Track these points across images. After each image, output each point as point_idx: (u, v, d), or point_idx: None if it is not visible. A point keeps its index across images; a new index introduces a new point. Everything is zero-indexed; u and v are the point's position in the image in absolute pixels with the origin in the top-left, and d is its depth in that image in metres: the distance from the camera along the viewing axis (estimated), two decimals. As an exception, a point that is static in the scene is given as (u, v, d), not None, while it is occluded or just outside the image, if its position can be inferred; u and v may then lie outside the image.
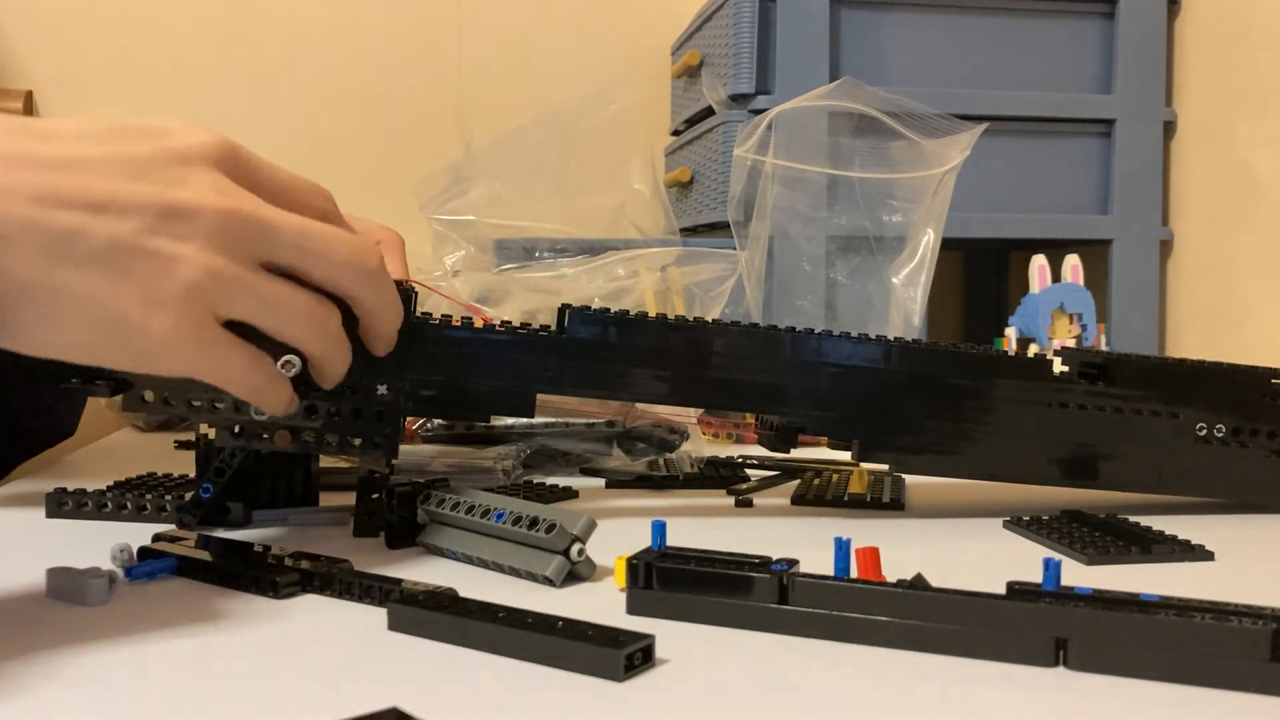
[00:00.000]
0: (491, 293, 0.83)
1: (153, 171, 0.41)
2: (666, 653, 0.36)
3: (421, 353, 0.53)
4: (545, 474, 0.73)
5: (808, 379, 0.57)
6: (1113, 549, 0.50)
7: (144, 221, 0.40)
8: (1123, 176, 1.25)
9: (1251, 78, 1.19)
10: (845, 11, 1.20)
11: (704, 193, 1.27)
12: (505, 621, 0.37)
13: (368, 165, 1.44)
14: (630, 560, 0.41)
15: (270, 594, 0.43)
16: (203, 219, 0.41)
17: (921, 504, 0.64)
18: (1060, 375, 0.59)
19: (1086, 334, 1.01)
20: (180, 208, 0.40)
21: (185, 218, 0.40)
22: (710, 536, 0.54)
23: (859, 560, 0.41)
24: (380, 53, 1.47)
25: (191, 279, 0.40)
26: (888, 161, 0.96)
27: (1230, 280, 1.22)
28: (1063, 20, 1.25)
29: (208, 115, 1.44)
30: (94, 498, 0.58)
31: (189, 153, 0.42)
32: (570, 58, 1.50)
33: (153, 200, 0.40)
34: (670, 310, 0.75)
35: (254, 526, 0.57)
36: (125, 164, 0.41)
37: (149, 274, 0.40)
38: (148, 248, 0.40)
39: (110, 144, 0.41)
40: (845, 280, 1.04)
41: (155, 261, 0.40)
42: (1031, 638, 0.36)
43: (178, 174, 0.41)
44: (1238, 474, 0.60)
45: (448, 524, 0.49)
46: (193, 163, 0.42)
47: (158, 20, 1.43)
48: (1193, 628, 0.34)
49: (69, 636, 0.38)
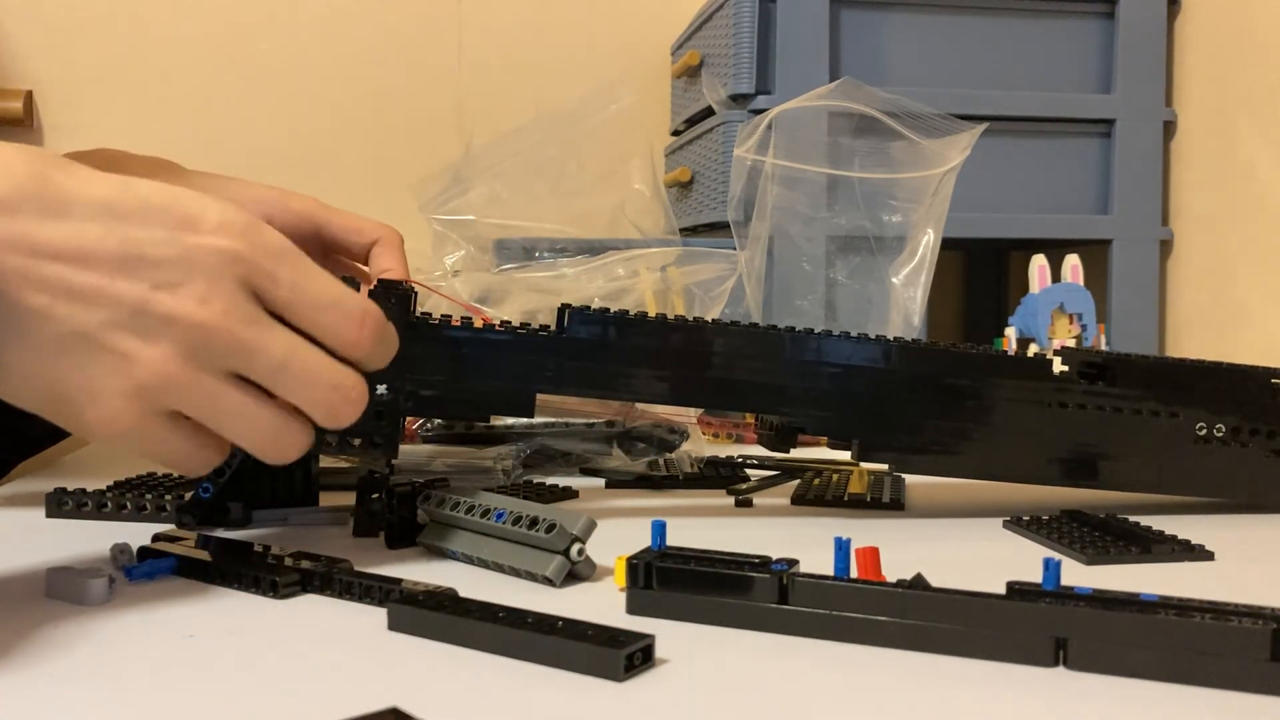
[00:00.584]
0: (491, 293, 0.83)
1: (149, 269, 0.40)
2: (666, 653, 0.36)
3: (421, 353, 0.53)
4: (545, 474, 0.73)
5: (807, 379, 0.57)
6: (1113, 549, 0.50)
7: (113, 316, 0.39)
8: (1123, 176, 1.25)
9: (1251, 78, 1.19)
10: (845, 11, 1.20)
11: (704, 193, 1.27)
12: (505, 621, 0.37)
13: (368, 165, 1.44)
14: (630, 560, 0.41)
15: (270, 594, 0.43)
16: (175, 328, 0.40)
17: (921, 504, 0.64)
18: (1060, 375, 0.59)
19: (1086, 334, 1.01)
20: (155, 312, 0.40)
21: (158, 322, 0.40)
22: (710, 536, 0.54)
23: (859, 560, 0.41)
24: (380, 53, 1.47)
25: (143, 381, 0.40)
26: (888, 161, 0.96)
27: (1230, 280, 1.22)
28: (1063, 20, 1.25)
29: (207, 115, 1.44)
30: (94, 498, 0.58)
31: (200, 255, 0.41)
32: (570, 58, 1.50)
33: (131, 299, 0.40)
34: (670, 310, 0.75)
35: (254, 526, 0.57)
36: (123, 255, 0.40)
37: (101, 368, 0.40)
38: (107, 343, 0.39)
39: (123, 226, 0.40)
40: (845, 280, 1.04)
41: (112, 358, 0.40)
42: (1031, 638, 0.36)
43: (174, 276, 0.40)
44: (1238, 474, 0.60)
45: (448, 524, 0.49)
46: (197, 266, 0.40)
47: (157, 20, 1.43)
48: (1193, 628, 0.34)
49: (69, 636, 0.38)
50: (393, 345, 0.46)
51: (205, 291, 0.40)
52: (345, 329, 0.43)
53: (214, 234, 0.41)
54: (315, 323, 0.43)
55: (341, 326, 0.43)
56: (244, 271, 0.41)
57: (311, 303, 0.42)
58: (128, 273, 0.40)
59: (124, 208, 0.40)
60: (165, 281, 0.40)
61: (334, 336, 0.43)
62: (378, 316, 0.44)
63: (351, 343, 0.43)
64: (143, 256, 0.40)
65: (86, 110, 1.42)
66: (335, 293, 0.43)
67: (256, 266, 0.41)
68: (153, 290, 0.40)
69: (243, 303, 0.41)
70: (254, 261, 0.41)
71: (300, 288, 0.42)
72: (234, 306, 0.41)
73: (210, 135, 1.45)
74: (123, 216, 0.40)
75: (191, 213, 0.41)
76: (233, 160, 1.43)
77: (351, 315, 0.43)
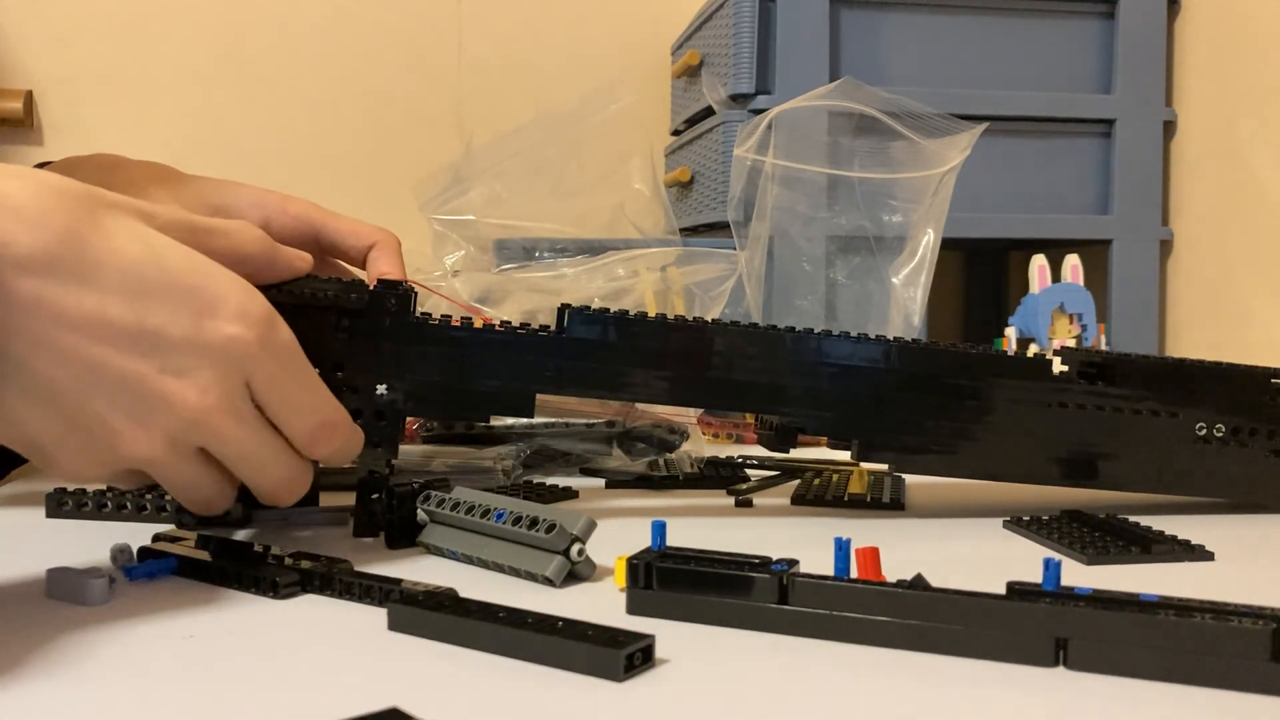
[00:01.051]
0: (491, 293, 0.83)
1: (162, 350, 0.41)
2: (666, 653, 0.36)
3: (421, 353, 0.53)
4: (545, 474, 0.73)
5: (808, 379, 0.57)
6: (1113, 549, 0.50)
7: (114, 393, 0.41)
8: (1123, 176, 1.25)
9: (1251, 78, 1.19)
10: (845, 11, 1.20)
11: (704, 193, 1.27)
12: (505, 621, 0.37)
13: (368, 165, 1.44)
14: (630, 560, 0.41)
15: (270, 594, 0.43)
16: (170, 413, 0.42)
17: (921, 504, 0.64)
18: (1060, 375, 0.59)
19: (1086, 334, 1.01)
20: (156, 393, 0.42)
21: (156, 403, 0.42)
22: (710, 536, 0.54)
23: (859, 560, 0.41)
24: (380, 53, 1.47)
25: (122, 455, 0.42)
26: (888, 161, 0.96)
27: (1230, 280, 1.22)
28: (1063, 20, 1.25)
29: (207, 115, 1.44)
30: (94, 498, 0.58)
31: (215, 343, 0.42)
32: (570, 58, 1.50)
33: (136, 378, 0.41)
34: (670, 310, 0.75)
35: (254, 526, 0.57)
36: (140, 332, 0.41)
37: (89, 437, 0.42)
38: (101, 416, 0.41)
39: (145, 302, 0.41)
40: (845, 280, 1.04)
41: (102, 430, 0.41)
42: (1031, 638, 0.36)
43: (184, 362, 0.42)
44: (1238, 474, 0.60)
45: (448, 524, 0.49)
46: (208, 355, 0.42)
47: (158, 21, 1.43)
48: (1193, 628, 0.34)
49: (69, 636, 0.38)
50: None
51: (208, 382, 0.42)
52: (312, 436, 0.47)
53: (232, 322, 0.43)
54: (288, 424, 0.46)
55: (308, 434, 0.46)
56: (249, 367, 0.44)
57: (292, 406, 0.46)
58: (140, 351, 0.41)
59: (150, 281, 0.42)
60: (174, 367, 0.42)
61: (299, 439, 0.46)
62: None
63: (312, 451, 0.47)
64: (158, 336, 0.41)
65: (86, 110, 1.42)
66: (314, 400, 0.46)
67: (260, 364, 0.44)
68: (159, 373, 0.41)
69: (236, 398, 0.44)
70: (260, 358, 0.44)
71: (287, 391, 0.45)
72: (228, 400, 0.43)
73: (210, 135, 1.45)
74: (147, 292, 0.41)
75: (214, 296, 0.43)
76: (232, 160, 1.43)
77: (323, 426, 0.47)
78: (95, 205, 0.42)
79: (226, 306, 0.43)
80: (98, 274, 0.40)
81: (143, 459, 0.43)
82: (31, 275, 0.39)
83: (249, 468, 0.45)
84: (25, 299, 0.39)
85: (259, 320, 0.44)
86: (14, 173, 0.41)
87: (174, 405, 0.42)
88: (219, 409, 0.43)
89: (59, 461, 0.42)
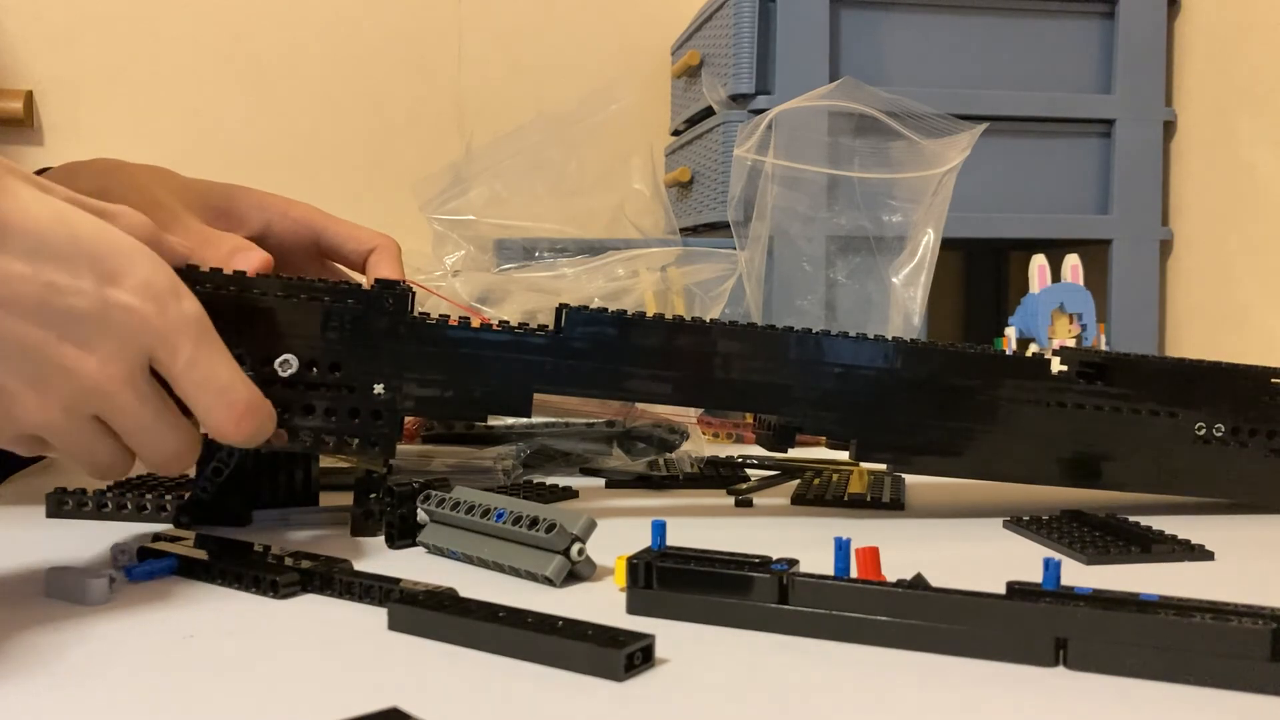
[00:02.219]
0: (491, 293, 0.83)
1: (63, 319, 0.41)
2: (666, 653, 0.36)
3: (419, 352, 0.53)
4: (545, 474, 0.73)
5: (807, 379, 0.57)
6: (1113, 549, 0.50)
7: (13, 360, 0.41)
8: (1123, 176, 1.25)
9: (1251, 78, 1.19)
10: (845, 11, 1.20)
11: (704, 193, 1.27)
12: (505, 621, 0.37)
13: (368, 165, 1.44)
14: (630, 560, 0.41)
15: (270, 594, 0.43)
16: (69, 382, 0.42)
17: (921, 504, 0.64)
18: (1060, 375, 0.59)
19: (1086, 334, 1.01)
20: (56, 362, 0.41)
21: (55, 371, 0.42)
22: (710, 536, 0.54)
23: (859, 560, 0.41)
24: (380, 53, 1.47)
25: (18, 418, 0.42)
26: (888, 161, 0.96)
27: (1230, 280, 1.22)
28: (1063, 20, 1.25)
29: (207, 115, 1.44)
30: (94, 498, 0.58)
31: (115, 314, 0.42)
32: (570, 58, 1.50)
33: (37, 346, 0.41)
34: (670, 310, 0.75)
35: (254, 526, 0.57)
36: (41, 301, 0.41)
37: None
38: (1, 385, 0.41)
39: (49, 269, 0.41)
40: (845, 280, 1.04)
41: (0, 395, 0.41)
42: (1031, 638, 0.36)
43: (84, 332, 0.42)
44: (1237, 474, 0.60)
45: (448, 524, 0.49)
46: (109, 326, 0.42)
47: (158, 20, 1.43)
48: (1193, 628, 0.34)
49: (69, 636, 0.38)
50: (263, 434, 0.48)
51: (108, 353, 0.42)
52: (221, 415, 0.45)
53: (134, 293, 0.43)
54: (196, 401, 0.45)
55: (217, 412, 0.45)
56: (150, 341, 0.43)
57: (199, 381, 0.45)
58: (41, 319, 0.41)
59: (54, 246, 0.41)
60: (74, 336, 0.41)
61: (207, 419, 0.46)
62: (257, 410, 0.47)
63: (222, 432, 0.46)
64: (59, 306, 0.41)
65: (86, 110, 1.42)
66: (224, 379, 0.45)
67: (163, 338, 0.43)
68: (59, 341, 0.41)
69: (135, 371, 0.43)
70: (162, 332, 0.43)
71: (194, 365, 0.44)
72: (127, 374, 0.43)
73: (210, 135, 1.45)
74: (51, 257, 0.41)
75: (118, 265, 0.42)
76: (232, 159, 1.43)
77: (233, 405, 0.46)
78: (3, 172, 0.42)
79: (130, 276, 0.42)
80: (3, 239, 0.40)
81: (38, 424, 0.43)
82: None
83: (142, 439, 0.45)
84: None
85: (163, 292, 0.43)
86: None
87: (72, 374, 0.42)
88: (117, 379, 0.42)
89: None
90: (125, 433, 0.45)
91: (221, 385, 0.45)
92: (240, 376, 0.46)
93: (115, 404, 0.43)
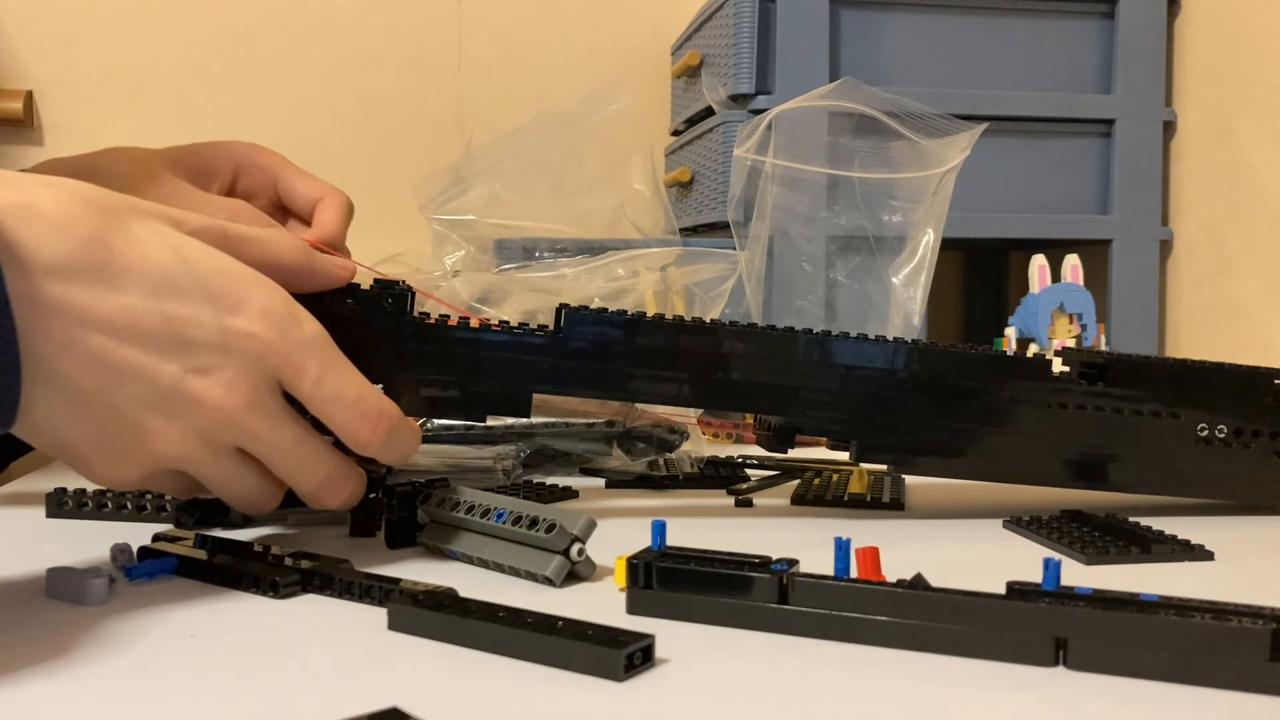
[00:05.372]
0: (491, 293, 0.83)
1: (187, 350, 0.42)
2: (666, 653, 0.36)
3: (418, 352, 0.53)
4: (545, 474, 0.73)
5: (808, 379, 0.57)
6: (1113, 549, 0.50)
7: (143, 394, 0.42)
8: (1123, 176, 1.25)
9: (1251, 78, 1.19)
10: (845, 11, 1.20)
11: (704, 193, 1.27)
12: (505, 621, 0.37)
13: (368, 165, 1.44)
14: (630, 560, 0.41)
15: (270, 594, 0.43)
16: (199, 411, 0.42)
17: (921, 504, 0.64)
18: (1060, 375, 0.59)
19: (1086, 334, 1.01)
20: (184, 394, 0.42)
21: (185, 403, 0.42)
22: (710, 536, 0.54)
23: (859, 560, 0.41)
24: (380, 53, 1.47)
25: (157, 454, 0.43)
26: (888, 161, 0.96)
27: (1230, 280, 1.22)
28: (1063, 20, 1.25)
29: (207, 115, 1.44)
30: (94, 498, 0.58)
31: (237, 342, 0.43)
32: (570, 58, 1.50)
33: (163, 379, 0.42)
34: (670, 310, 0.75)
35: (254, 526, 0.57)
36: (164, 334, 0.42)
37: (121, 437, 0.42)
38: (132, 417, 0.42)
39: (170, 303, 0.42)
40: (845, 280, 1.04)
41: (134, 431, 0.42)
42: (1031, 638, 0.36)
43: (209, 361, 0.42)
44: (1239, 475, 0.60)
45: (447, 524, 0.49)
46: (232, 354, 0.43)
47: (158, 20, 1.43)
48: (1193, 628, 0.34)
49: (69, 636, 0.38)
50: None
51: (233, 379, 0.43)
52: (357, 427, 0.46)
53: (255, 321, 0.43)
54: (331, 417, 0.46)
55: (353, 424, 0.46)
56: (274, 364, 0.44)
57: (330, 397, 0.45)
58: (165, 352, 0.42)
59: (174, 283, 0.42)
60: (199, 366, 0.42)
61: (345, 432, 0.46)
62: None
63: (361, 442, 0.47)
64: (182, 337, 0.42)
65: (86, 110, 1.42)
66: (355, 391, 0.46)
67: (286, 360, 0.44)
68: (185, 372, 0.42)
69: (265, 394, 0.44)
70: (285, 355, 0.44)
71: (323, 382, 0.45)
72: (256, 398, 0.43)
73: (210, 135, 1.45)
74: (172, 294, 0.42)
75: (235, 295, 0.43)
76: (233, 160, 1.43)
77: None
78: (123, 212, 0.42)
79: (249, 305, 0.43)
80: (123, 277, 0.41)
81: (175, 457, 0.43)
82: (57, 280, 0.40)
83: (286, 465, 0.46)
84: (51, 303, 0.40)
85: (282, 317, 0.44)
86: (45, 183, 0.42)
87: (201, 403, 0.42)
88: (245, 405, 0.43)
89: (94, 463, 0.43)
90: (268, 460, 0.45)
91: (353, 397, 0.46)
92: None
93: (248, 430, 0.44)
